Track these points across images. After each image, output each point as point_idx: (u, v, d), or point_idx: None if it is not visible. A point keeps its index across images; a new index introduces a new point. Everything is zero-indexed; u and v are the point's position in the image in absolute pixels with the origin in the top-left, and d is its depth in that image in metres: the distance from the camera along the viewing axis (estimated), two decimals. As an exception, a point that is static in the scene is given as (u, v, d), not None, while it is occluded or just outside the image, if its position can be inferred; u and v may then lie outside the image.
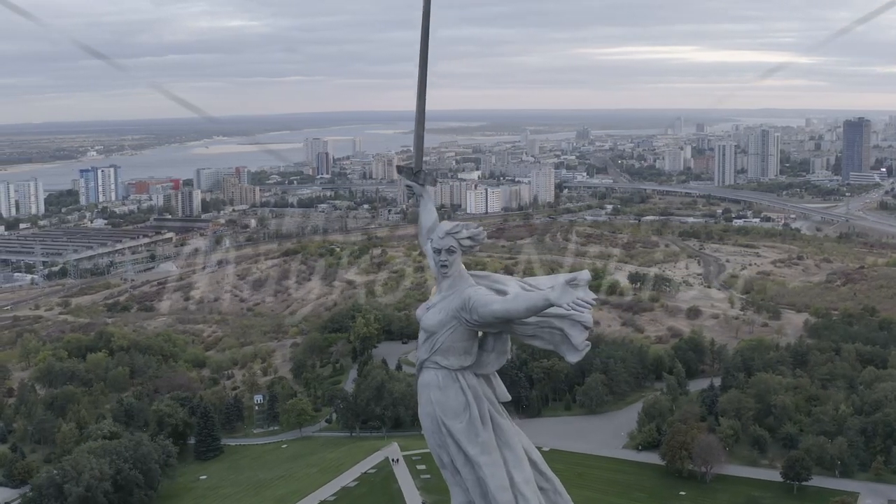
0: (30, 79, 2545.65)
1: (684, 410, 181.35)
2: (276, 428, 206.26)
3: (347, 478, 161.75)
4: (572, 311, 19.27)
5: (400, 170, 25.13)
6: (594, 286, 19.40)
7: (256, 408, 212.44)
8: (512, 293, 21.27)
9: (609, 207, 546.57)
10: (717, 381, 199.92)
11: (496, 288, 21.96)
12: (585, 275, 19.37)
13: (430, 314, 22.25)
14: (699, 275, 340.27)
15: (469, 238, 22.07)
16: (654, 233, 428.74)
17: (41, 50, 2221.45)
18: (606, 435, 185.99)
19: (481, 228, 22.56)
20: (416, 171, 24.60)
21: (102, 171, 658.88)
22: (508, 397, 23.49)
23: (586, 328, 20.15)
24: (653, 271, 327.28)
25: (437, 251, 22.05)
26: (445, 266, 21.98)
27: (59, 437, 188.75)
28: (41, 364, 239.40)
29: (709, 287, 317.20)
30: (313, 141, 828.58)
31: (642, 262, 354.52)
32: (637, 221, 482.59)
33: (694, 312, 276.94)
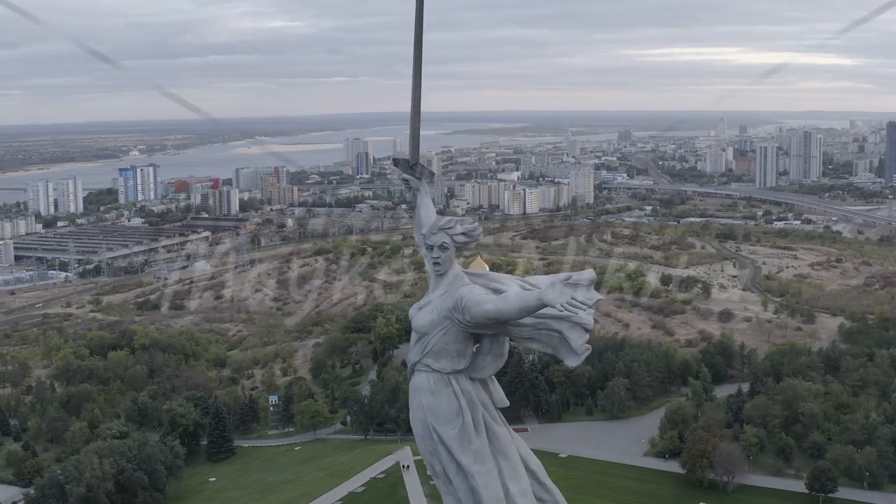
0: (74, 79, 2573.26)
1: (708, 417, 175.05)
2: (290, 429, 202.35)
3: (356, 482, 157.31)
4: (565, 312, 18.26)
5: (396, 162, 24.55)
6: (621, 286, 14.75)
7: (271, 409, 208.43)
8: (510, 293, 20.42)
9: (648, 209, 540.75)
10: (746, 387, 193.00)
11: (493, 287, 21.24)
12: (588, 274, 19.01)
13: (421, 314, 21.63)
14: (734, 277, 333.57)
15: (463, 234, 21.46)
16: (691, 234, 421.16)
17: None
18: (627, 441, 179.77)
19: (476, 224, 21.93)
20: (412, 164, 23.88)
21: (141, 170, 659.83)
22: (506, 403, 22.70)
23: (586, 330, 19.24)
24: (686, 273, 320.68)
25: (430, 248, 21.46)
26: (438, 264, 21.41)
27: (68, 437, 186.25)
28: (60, 362, 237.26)
29: (743, 289, 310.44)
30: (353, 141, 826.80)
31: (677, 263, 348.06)
32: (676, 223, 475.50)
33: (726, 315, 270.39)
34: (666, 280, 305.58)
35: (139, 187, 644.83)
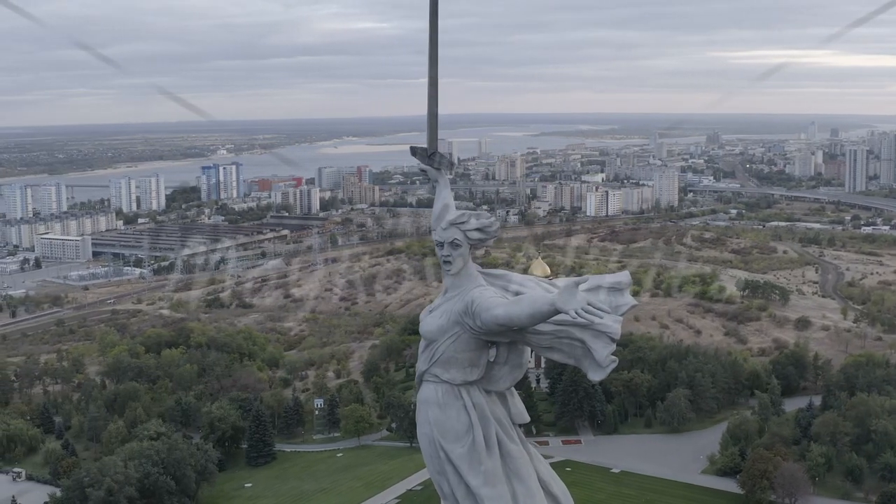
0: (166, 79, 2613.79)
1: (773, 433, 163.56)
2: (336, 435, 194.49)
3: (391, 494, 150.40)
4: (579, 320, 16.26)
5: (414, 151, 22.74)
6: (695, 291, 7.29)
7: (316, 413, 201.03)
8: (524, 296, 18.60)
9: (733, 212, 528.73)
10: (818, 401, 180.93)
11: (513, 290, 19.70)
12: (622, 277, 18.68)
13: (430, 318, 20.12)
14: (815, 283, 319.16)
15: (478, 230, 19.82)
16: (774, 238, 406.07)
17: (176, 50, 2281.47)
18: (686, 457, 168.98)
19: (493, 219, 20.22)
20: (430, 153, 22.33)
21: (224, 168, 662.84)
22: (526, 419, 21.06)
23: (613, 340, 17.44)
24: (765, 278, 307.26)
25: (440, 244, 20.02)
26: (449, 262, 19.98)
27: (104, 436, 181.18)
28: (111, 359, 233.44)
29: (823, 296, 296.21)
30: (438, 142, 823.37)
31: (756, 268, 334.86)
32: (761, 226, 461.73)
33: (803, 323, 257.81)
34: (742, 285, 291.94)
35: (221, 185, 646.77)
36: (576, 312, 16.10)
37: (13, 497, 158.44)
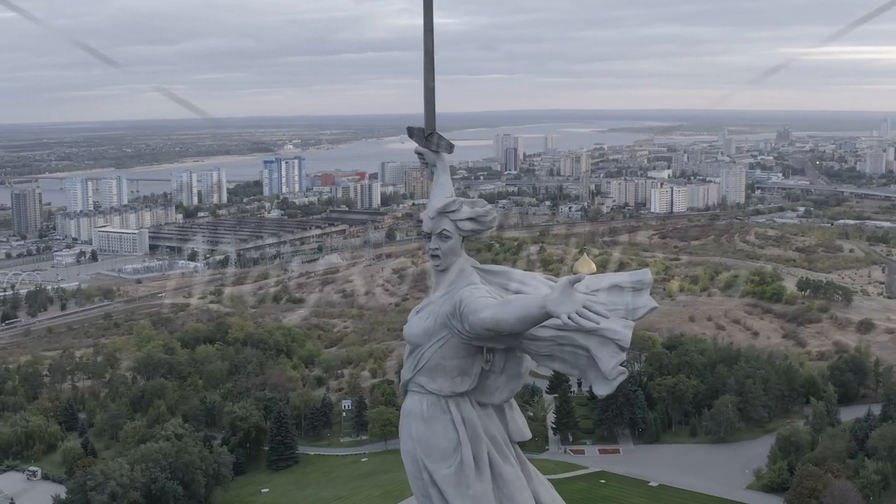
0: (235, 74, 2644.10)
1: (825, 446, 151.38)
2: (364, 438, 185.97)
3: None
4: (570, 324, 14.19)
5: (410, 132, 19.88)
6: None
7: (343, 414, 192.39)
8: (515, 297, 16.60)
9: (801, 210, 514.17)
10: (877, 409, 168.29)
11: (513, 289, 17.39)
12: (642, 275, 16.64)
13: (415, 320, 17.86)
14: (881, 283, 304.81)
15: (471, 220, 17.45)
16: (841, 237, 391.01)
17: (246, 46, 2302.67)
18: (731, 471, 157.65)
19: (489, 207, 17.70)
20: (427, 134, 19.47)
21: (286, 162, 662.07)
22: (526, 436, 18.56)
23: (622, 349, 15.31)
24: (828, 278, 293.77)
25: (427, 236, 17.74)
26: (437, 256, 17.52)
27: (121, 435, 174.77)
28: (142, 354, 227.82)
29: (889, 297, 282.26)
30: (503, 137, 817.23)
31: (820, 267, 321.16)
32: (829, 224, 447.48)
33: (866, 326, 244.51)
34: (803, 285, 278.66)
35: (283, 180, 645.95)
36: (568, 316, 13.83)
37: (11, 498, 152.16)
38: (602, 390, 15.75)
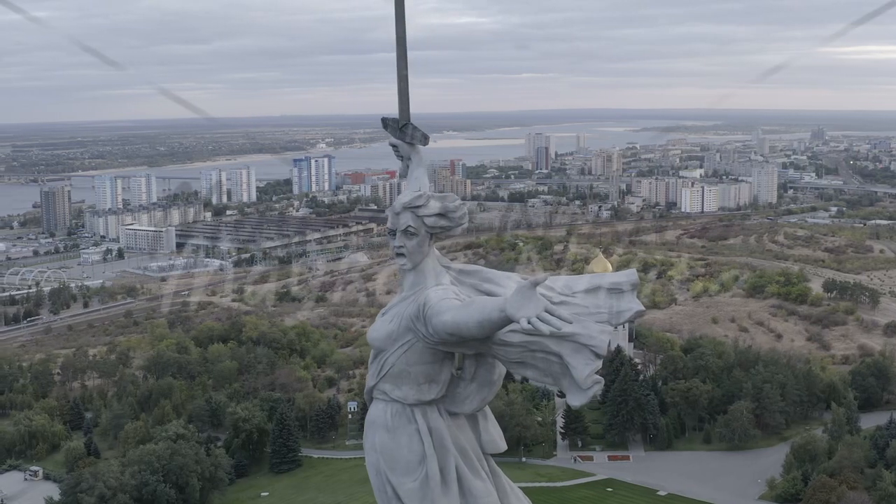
0: (269, 73, 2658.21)
1: (843, 455, 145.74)
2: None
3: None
4: (528, 328, 12.79)
5: (385, 124, 19.01)
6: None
7: (349, 416, 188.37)
8: (478, 299, 15.32)
9: (833, 210, 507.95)
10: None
11: (485, 290, 16.27)
12: (627, 275, 15.68)
13: (379, 323, 16.59)
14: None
15: (439, 216, 16.17)
16: (872, 237, 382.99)
17: (278, 45, 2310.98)
18: (744, 479, 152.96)
19: (459, 202, 16.62)
20: (401, 126, 18.45)
21: (316, 160, 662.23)
22: (500, 448, 17.19)
23: (597, 356, 14.28)
24: (856, 279, 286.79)
25: (391, 233, 16.37)
26: (402, 255, 16.19)
27: (122, 436, 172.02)
28: (152, 352, 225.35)
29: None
30: (535, 136, 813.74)
31: (849, 268, 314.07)
32: (862, 224, 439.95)
33: (892, 329, 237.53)
34: (830, 286, 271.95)
35: (313, 178, 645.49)
36: (528, 321, 12.53)
37: (2, 499, 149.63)
38: (575, 400, 14.68)
